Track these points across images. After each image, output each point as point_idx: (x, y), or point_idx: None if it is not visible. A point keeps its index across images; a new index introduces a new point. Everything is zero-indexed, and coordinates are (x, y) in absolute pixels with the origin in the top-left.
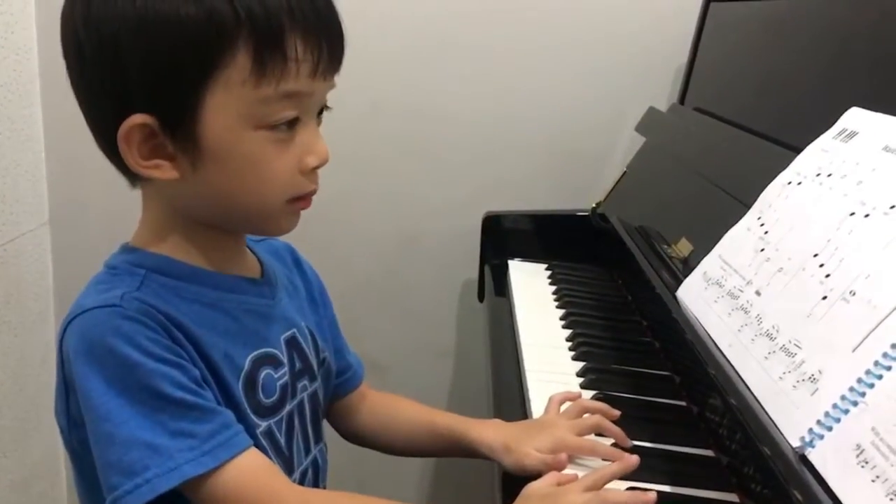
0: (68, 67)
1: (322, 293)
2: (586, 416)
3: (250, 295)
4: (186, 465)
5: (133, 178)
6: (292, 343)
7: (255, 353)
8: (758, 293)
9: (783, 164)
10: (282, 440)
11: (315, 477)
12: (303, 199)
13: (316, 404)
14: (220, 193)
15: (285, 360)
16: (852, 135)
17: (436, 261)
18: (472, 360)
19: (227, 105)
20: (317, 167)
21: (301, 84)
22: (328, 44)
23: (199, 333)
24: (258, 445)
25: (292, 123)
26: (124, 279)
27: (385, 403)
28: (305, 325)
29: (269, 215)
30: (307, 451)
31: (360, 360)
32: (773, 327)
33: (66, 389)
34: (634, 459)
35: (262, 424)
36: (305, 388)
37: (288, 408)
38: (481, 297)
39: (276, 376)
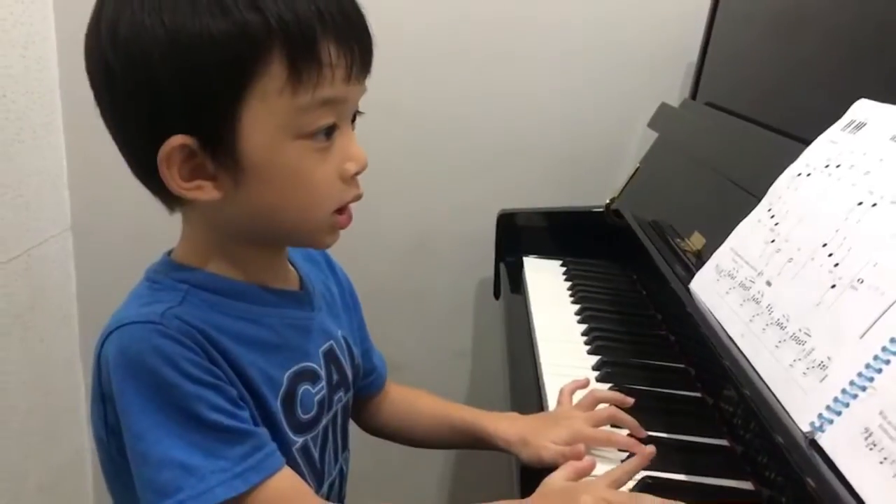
0: (97, 95)
1: (353, 296)
2: (600, 406)
3: (291, 308)
4: (218, 487)
5: (172, 202)
6: (330, 356)
7: (295, 368)
8: (768, 283)
9: (793, 157)
10: (316, 454)
11: (340, 485)
12: (344, 213)
13: (346, 413)
14: (264, 209)
15: (323, 373)
16: (860, 126)
17: (451, 261)
18: (490, 358)
19: (265, 117)
20: (357, 173)
21: (337, 90)
22: (359, 47)
23: (239, 352)
24: (293, 462)
25: (330, 131)
26: (166, 294)
27: (404, 398)
28: (342, 335)
29: (313, 228)
30: (335, 461)
31: (384, 360)
32: (784, 316)
33: (103, 399)
34: (651, 450)
35: (299, 441)
36: (341, 399)
37: (324, 422)
38: (497, 295)
39: (313, 391)
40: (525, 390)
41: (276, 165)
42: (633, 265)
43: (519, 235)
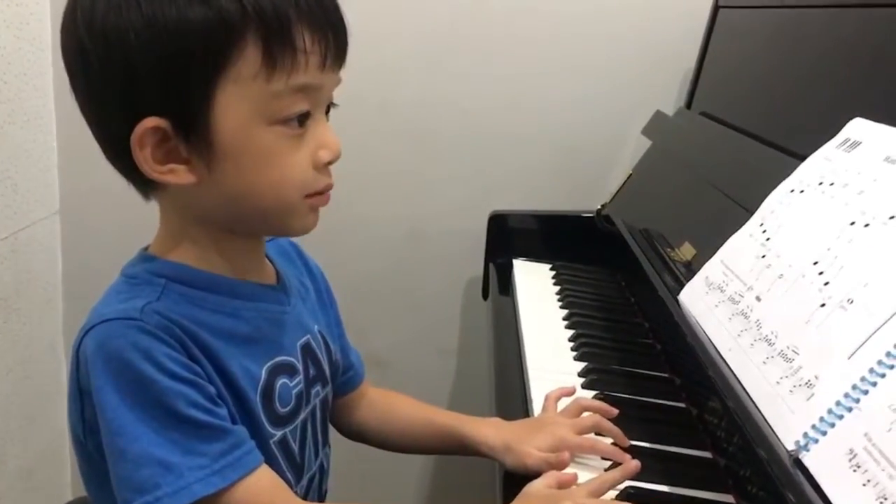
0: (72, 78)
1: (328, 291)
2: (585, 414)
3: (269, 302)
4: (196, 484)
5: (146, 189)
6: (307, 350)
7: (272, 361)
8: (758, 299)
9: (787, 172)
10: (295, 448)
11: (320, 480)
12: (320, 195)
13: (325, 408)
14: (237, 194)
15: (300, 367)
16: (855, 145)
17: (441, 258)
18: (475, 357)
19: (239, 102)
20: (330, 162)
21: (311, 77)
22: (334, 35)
23: (218, 346)
24: (270, 455)
25: (304, 119)
26: (144, 289)
27: (383, 400)
28: (318, 330)
29: (287, 213)
30: (316, 455)
31: (361, 359)
32: (772, 333)
33: (81, 395)
34: (636, 464)
35: (277, 434)
36: (318, 393)
37: (302, 415)
38: (485, 296)
39: (291, 385)
40: (510, 394)
41: (249, 150)
42: (623, 272)
43: (510, 237)
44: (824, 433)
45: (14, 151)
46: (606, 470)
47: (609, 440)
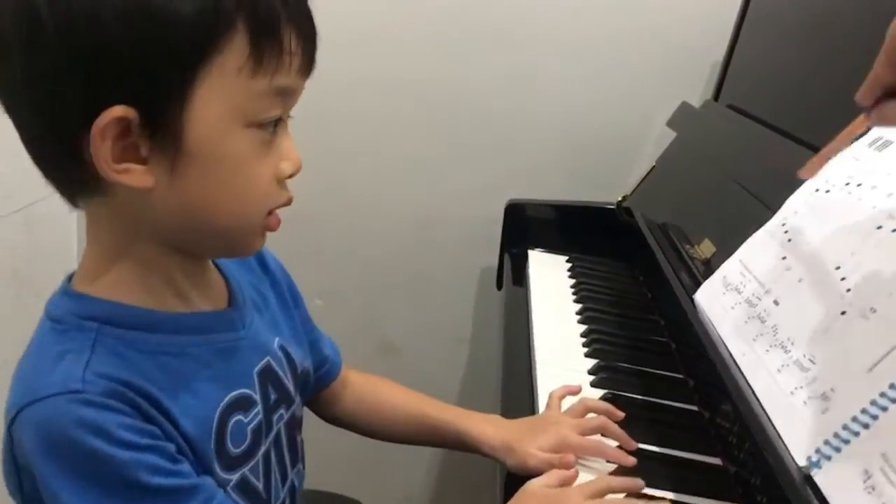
0: (8, 55)
1: (292, 290)
2: (590, 415)
3: (219, 331)
4: None
5: (79, 192)
6: (266, 374)
7: (227, 398)
8: (776, 303)
9: None
10: (259, 485)
11: (293, 499)
12: (273, 215)
13: (293, 426)
14: (198, 206)
15: (258, 397)
16: (886, 144)
17: (456, 246)
18: (488, 347)
19: (219, 97)
20: (291, 175)
21: (291, 80)
22: (313, 41)
23: (169, 402)
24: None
25: (275, 124)
26: (75, 339)
27: (371, 388)
28: (278, 344)
29: (243, 230)
30: (284, 480)
31: (336, 348)
32: (789, 339)
33: (18, 470)
34: (641, 484)
35: (233, 477)
36: (282, 417)
37: (263, 448)
38: (499, 286)
39: (246, 421)
40: (517, 388)
41: (221, 152)
42: (641, 267)
43: (526, 227)
44: (838, 450)
45: None
46: (610, 474)
47: (614, 443)
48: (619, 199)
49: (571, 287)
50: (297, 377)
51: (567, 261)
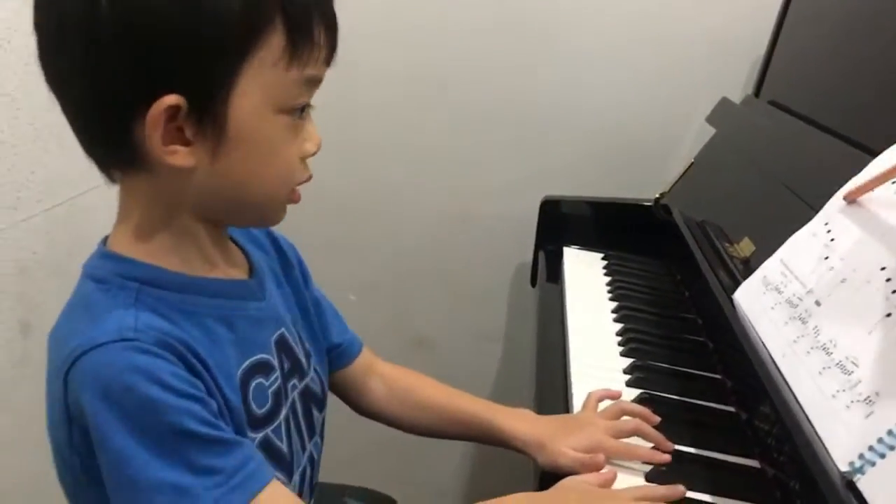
0: (62, 45)
1: (303, 271)
2: (625, 418)
3: (244, 299)
4: None
5: (115, 170)
6: (281, 344)
7: (249, 361)
8: (817, 303)
9: (857, 168)
10: (283, 447)
11: (311, 474)
12: (296, 191)
13: (308, 399)
14: (234, 183)
15: (276, 363)
16: None
17: (490, 241)
18: (521, 344)
19: (256, 86)
20: (314, 153)
21: (319, 70)
22: (336, 32)
23: (208, 358)
24: None
25: (303, 110)
26: (117, 295)
27: (403, 381)
28: (291, 319)
29: (274, 205)
30: (303, 449)
31: (354, 337)
32: (831, 341)
33: (70, 421)
34: (666, 457)
35: (257, 437)
36: (295, 386)
37: (283, 413)
38: (534, 283)
39: (267, 384)
40: (551, 387)
41: (257, 136)
42: (678, 265)
43: (561, 224)
44: (883, 456)
45: None
46: (647, 475)
47: (650, 445)
48: (657, 195)
49: (607, 285)
50: (306, 351)
51: (603, 258)
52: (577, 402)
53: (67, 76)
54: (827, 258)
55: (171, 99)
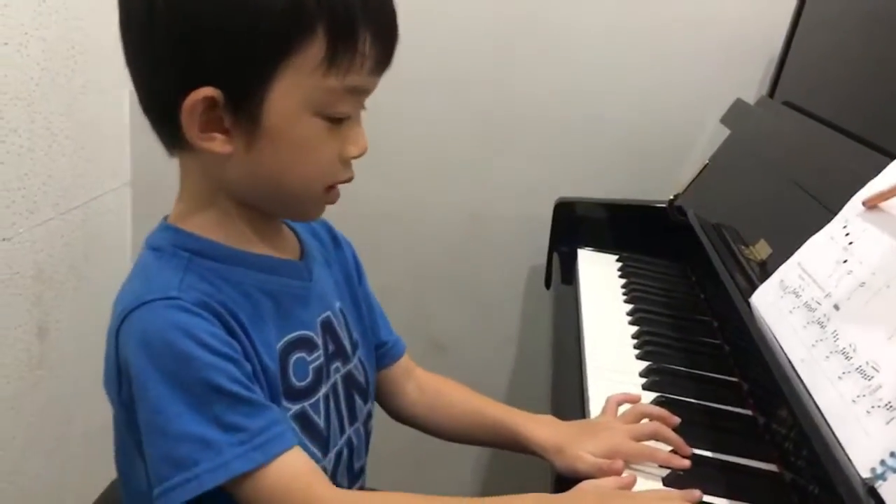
0: (129, 30)
1: (358, 268)
2: (644, 421)
3: (290, 277)
4: (235, 460)
5: (174, 146)
6: (327, 326)
7: (291, 336)
8: (836, 307)
9: (875, 170)
10: (320, 422)
11: (350, 456)
12: (334, 189)
13: (351, 385)
14: (267, 174)
15: (320, 342)
16: None
17: (505, 244)
18: (536, 346)
19: (293, 89)
20: (357, 157)
21: (363, 79)
22: (390, 41)
23: (249, 325)
24: None
25: (344, 117)
26: (169, 261)
27: (433, 385)
28: (339, 307)
29: (306, 200)
30: (342, 431)
31: (400, 339)
32: (850, 346)
33: (119, 375)
34: (686, 463)
35: (294, 408)
36: (338, 369)
37: (323, 390)
38: (548, 284)
39: (309, 359)
40: (567, 391)
41: (291, 135)
42: (693, 267)
43: (576, 225)
44: None
45: (87, 122)
46: (664, 479)
47: (669, 449)
48: (671, 197)
49: (622, 287)
50: (352, 340)
51: (617, 260)
52: (594, 405)
53: (132, 61)
54: (845, 261)
55: (207, 91)
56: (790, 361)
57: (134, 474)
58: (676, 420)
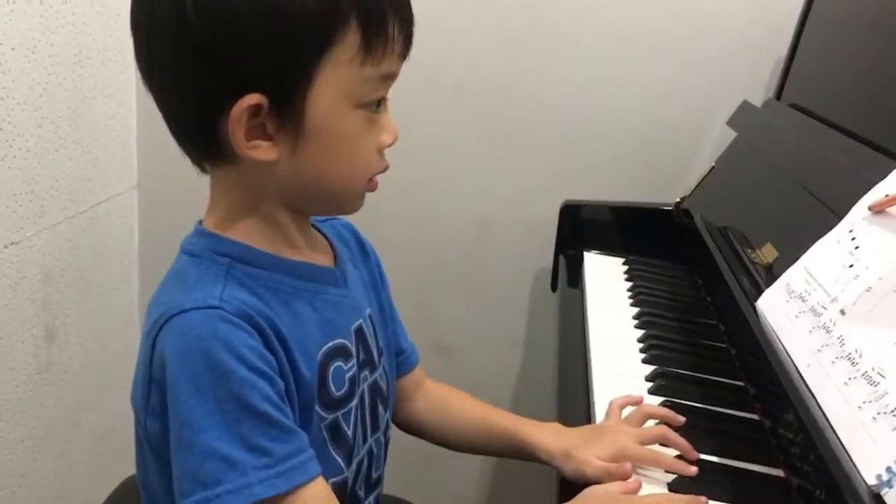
0: (157, 44)
1: (381, 273)
2: (650, 423)
3: (327, 284)
4: (258, 485)
5: (205, 162)
6: (359, 334)
7: (330, 344)
8: (842, 312)
9: (880, 172)
10: (349, 433)
11: (369, 466)
12: (373, 180)
13: (375, 394)
14: (313, 175)
15: (354, 351)
16: None
17: (510, 246)
18: (541, 349)
19: (333, 84)
20: (391, 144)
21: (394, 65)
22: (412, 24)
23: (288, 335)
24: (318, 438)
25: (378, 103)
26: (209, 268)
27: (440, 394)
28: (369, 314)
29: (352, 194)
30: (364, 440)
31: (415, 346)
32: (856, 351)
33: (150, 382)
34: (693, 470)
35: (329, 417)
36: (366, 378)
37: (356, 400)
38: (554, 287)
39: (345, 368)
40: (573, 395)
41: (334, 131)
42: (700, 270)
43: (582, 228)
44: None
45: (95, 126)
46: (670, 484)
47: (675, 452)
48: (678, 200)
49: (628, 290)
50: (379, 347)
51: (623, 263)
52: (599, 408)
53: (158, 76)
54: (851, 266)
55: (253, 98)
56: (796, 366)
57: (149, 480)
58: (681, 419)
